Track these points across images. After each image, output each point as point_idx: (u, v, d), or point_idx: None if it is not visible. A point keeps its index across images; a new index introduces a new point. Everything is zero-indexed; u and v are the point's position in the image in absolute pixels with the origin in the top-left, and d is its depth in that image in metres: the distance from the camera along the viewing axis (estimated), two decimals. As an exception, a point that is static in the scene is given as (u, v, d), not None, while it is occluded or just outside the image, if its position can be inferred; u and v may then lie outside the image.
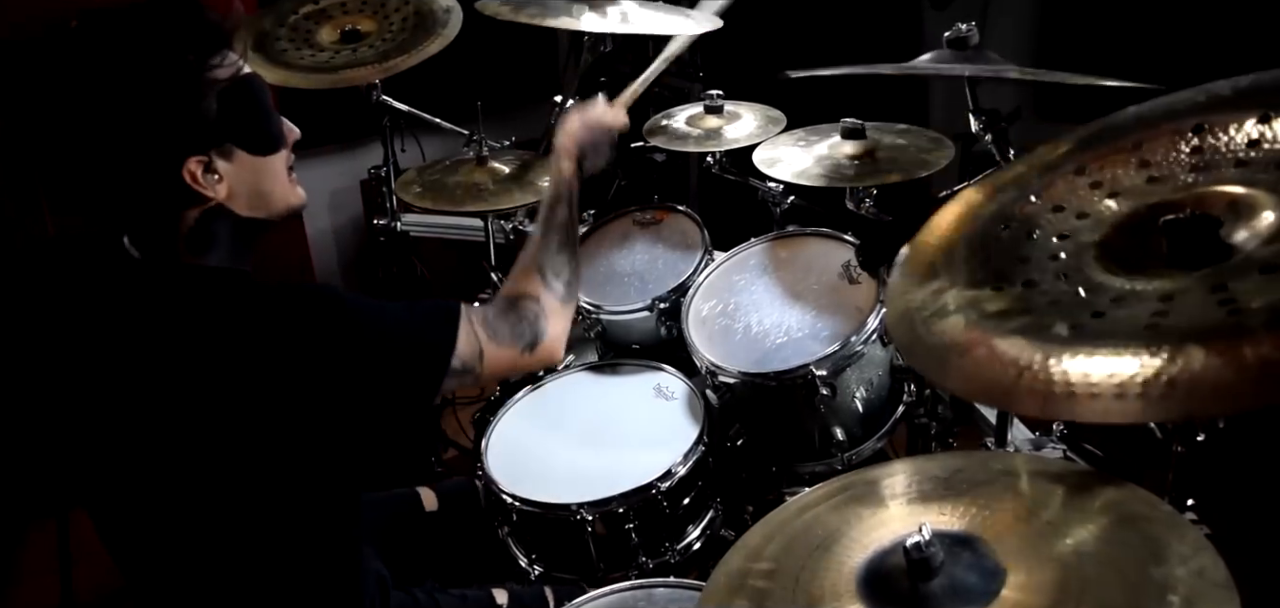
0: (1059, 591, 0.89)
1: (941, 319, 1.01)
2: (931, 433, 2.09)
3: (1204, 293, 0.88)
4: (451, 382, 1.37)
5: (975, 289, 1.02)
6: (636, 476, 1.83)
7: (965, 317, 1.00)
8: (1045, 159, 1.16)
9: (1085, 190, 1.08)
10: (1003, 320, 0.96)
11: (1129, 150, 1.08)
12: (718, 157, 2.50)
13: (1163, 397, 0.80)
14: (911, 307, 1.06)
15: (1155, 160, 1.06)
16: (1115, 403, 0.83)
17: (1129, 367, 0.83)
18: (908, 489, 1.11)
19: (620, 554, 1.85)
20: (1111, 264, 0.99)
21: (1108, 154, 1.10)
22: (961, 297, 1.02)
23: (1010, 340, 0.93)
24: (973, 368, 0.94)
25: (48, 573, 2.58)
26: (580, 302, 2.33)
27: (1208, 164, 1.01)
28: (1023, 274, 1.02)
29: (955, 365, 0.96)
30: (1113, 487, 1.00)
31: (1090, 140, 1.13)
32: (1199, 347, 0.81)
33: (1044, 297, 0.98)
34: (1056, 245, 1.04)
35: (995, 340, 0.94)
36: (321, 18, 2.59)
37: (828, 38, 3.08)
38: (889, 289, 1.13)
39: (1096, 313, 0.92)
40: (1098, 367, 0.85)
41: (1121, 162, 1.08)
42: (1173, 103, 1.10)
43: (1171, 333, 0.84)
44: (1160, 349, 0.83)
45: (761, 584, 1.03)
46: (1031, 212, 1.09)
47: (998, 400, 0.90)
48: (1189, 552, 0.88)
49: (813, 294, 2.09)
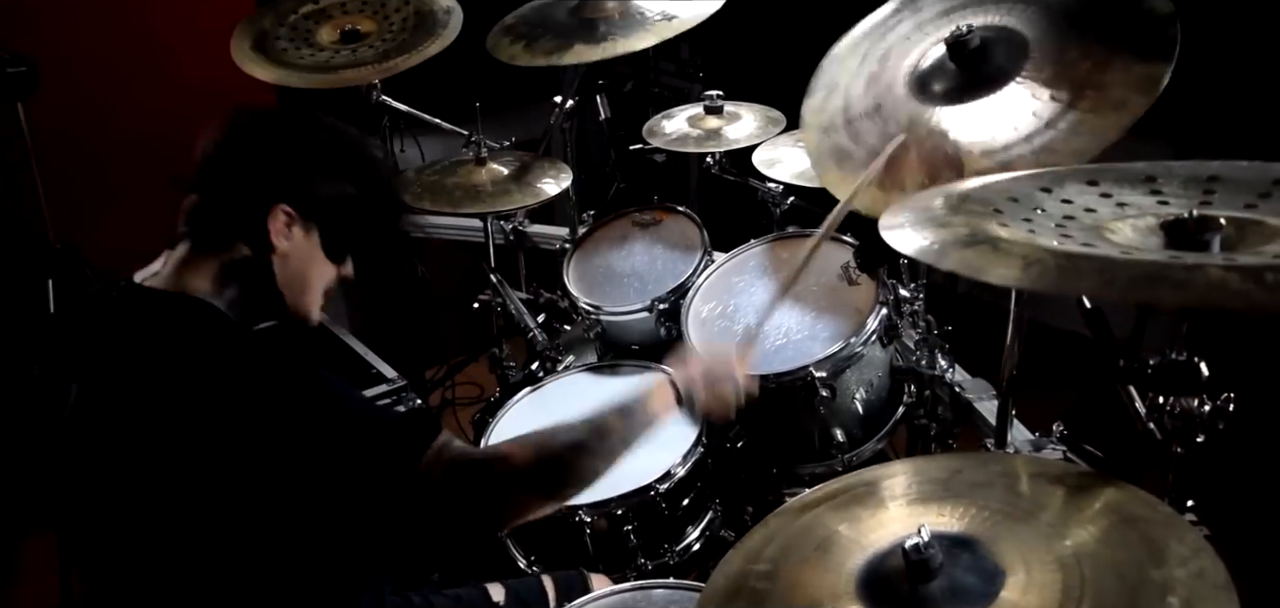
0: (1059, 591, 0.89)
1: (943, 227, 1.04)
2: (931, 434, 2.09)
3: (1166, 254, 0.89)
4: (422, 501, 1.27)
5: (979, 221, 1.03)
6: (636, 476, 1.83)
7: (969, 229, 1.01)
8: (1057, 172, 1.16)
9: (1095, 196, 1.08)
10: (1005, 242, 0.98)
11: (1142, 182, 1.09)
12: (717, 157, 2.50)
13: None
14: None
15: (1166, 190, 1.06)
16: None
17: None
18: (907, 490, 1.11)
19: (619, 555, 1.85)
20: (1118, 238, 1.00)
21: (1121, 179, 1.10)
22: (967, 220, 1.04)
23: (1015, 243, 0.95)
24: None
25: (48, 574, 2.58)
26: (580, 302, 2.33)
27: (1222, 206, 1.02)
28: (1024, 216, 1.04)
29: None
30: (1113, 488, 1.01)
31: (1103, 172, 1.13)
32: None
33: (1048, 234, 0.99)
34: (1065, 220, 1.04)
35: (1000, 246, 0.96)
36: (321, 18, 2.59)
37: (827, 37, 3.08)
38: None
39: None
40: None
41: (1134, 187, 1.09)
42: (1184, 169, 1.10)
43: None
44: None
45: (761, 585, 1.03)
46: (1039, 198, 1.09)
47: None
48: (1189, 552, 0.88)
49: (812, 295, 2.08)
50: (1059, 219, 1.03)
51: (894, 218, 1.09)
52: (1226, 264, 0.83)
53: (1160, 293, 0.82)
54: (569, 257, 2.47)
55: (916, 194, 1.21)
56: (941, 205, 1.09)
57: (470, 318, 2.61)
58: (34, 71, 2.52)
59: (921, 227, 1.05)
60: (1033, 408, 1.88)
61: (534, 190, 2.39)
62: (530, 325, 2.44)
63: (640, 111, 3.18)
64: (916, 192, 1.33)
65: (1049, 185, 1.11)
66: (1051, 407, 1.88)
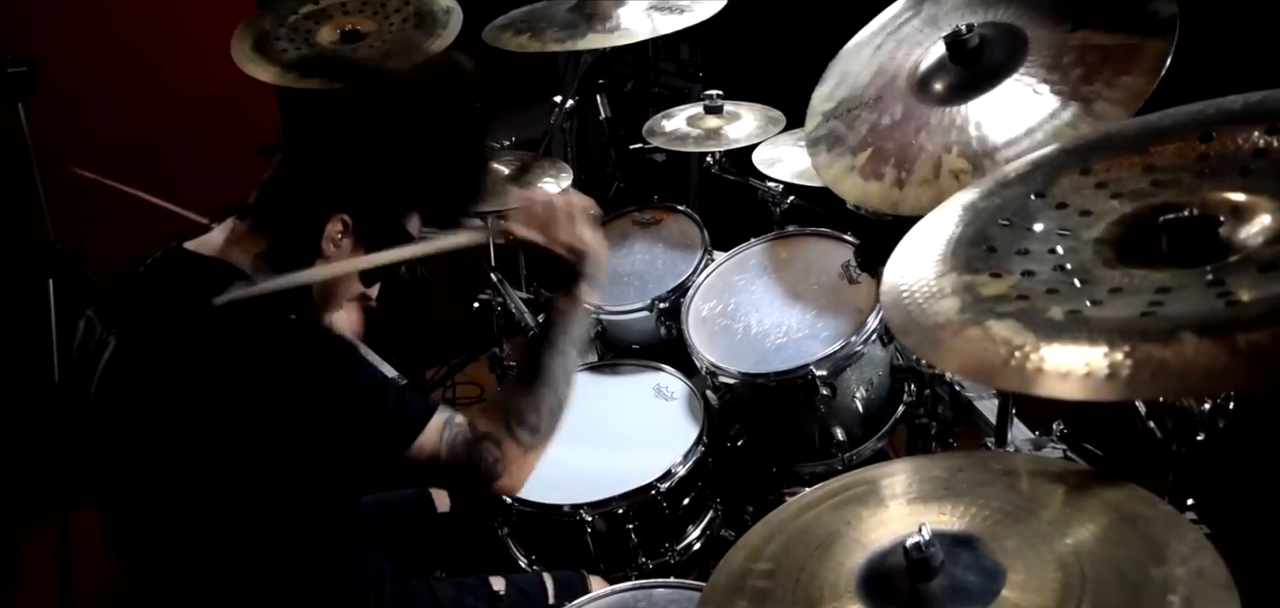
0: (1059, 591, 0.89)
1: (937, 302, 1.01)
2: (931, 433, 2.09)
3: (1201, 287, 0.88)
4: (421, 475, 1.45)
5: (973, 275, 1.02)
6: (636, 476, 1.83)
7: (961, 299, 1.00)
8: (1051, 158, 1.16)
9: (1090, 190, 1.08)
10: (998, 303, 0.96)
11: (1136, 155, 1.08)
12: (718, 156, 2.50)
13: (1146, 377, 0.81)
14: (907, 289, 1.07)
15: (1161, 166, 1.06)
16: (1106, 383, 0.83)
17: (1114, 352, 0.83)
18: (908, 489, 1.11)
19: (620, 554, 1.85)
20: (1112, 259, 0.99)
21: (1115, 157, 1.10)
22: (958, 281, 1.02)
23: (1004, 323, 0.93)
24: (965, 347, 0.94)
25: (48, 573, 2.58)
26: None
27: (1213, 172, 1.01)
28: (1021, 265, 1.02)
29: (948, 345, 0.96)
30: (1113, 487, 1.00)
31: (1098, 145, 1.13)
32: (1192, 332, 0.81)
33: (1042, 285, 0.97)
34: (1058, 240, 1.04)
35: (989, 322, 0.94)
36: (321, 18, 2.58)
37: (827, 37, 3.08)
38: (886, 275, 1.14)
39: (1094, 301, 0.92)
40: (1082, 352, 0.85)
41: (1128, 165, 1.08)
42: (1182, 115, 1.10)
43: (1166, 320, 0.84)
44: (1152, 335, 0.83)
45: (761, 584, 1.03)
46: (1033, 208, 1.09)
47: (987, 379, 0.90)
48: (1189, 552, 0.88)
49: (812, 294, 2.09)
50: (1050, 245, 1.03)
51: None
52: (1199, 325, 0.82)
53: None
54: (569, 256, 2.47)
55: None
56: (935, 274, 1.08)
57: (470, 318, 2.61)
58: (34, 71, 2.52)
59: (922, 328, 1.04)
60: (1032, 407, 1.88)
61: (534, 190, 2.39)
62: (530, 325, 2.44)
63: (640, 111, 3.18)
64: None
65: (1042, 187, 1.11)
66: (1051, 406, 1.89)
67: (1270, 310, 0.79)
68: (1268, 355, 0.76)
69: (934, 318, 0.99)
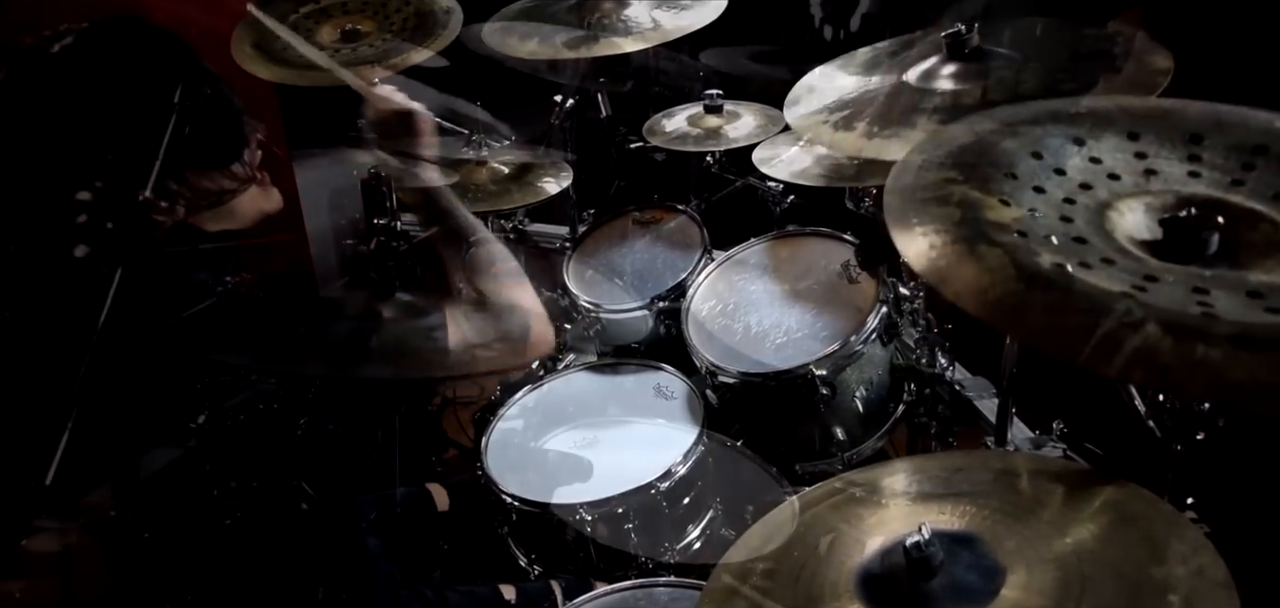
0: (1059, 591, 0.89)
1: (940, 205, 1.01)
2: (931, 433, 2.09)
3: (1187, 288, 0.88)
4: None
5: (983, 193, 1.01)
6: (636, 476, 1.83)
7: (961, 212, 0.99)
8: (1105, 111, 1.13)
9: (1129, 157, 1.06)
10: (997, 230, 0.96)
11: (1185, 142, 1.06)
12: (718, 156, 2.50)
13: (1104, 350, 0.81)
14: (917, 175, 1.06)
15: (1206, 160, 1.04)
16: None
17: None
18: (908, 489, 1.11)
19: (620, 554, 1.85)
20: (1117, 230, 0.98)
21: (1166, 137, 1.07)
22: (966, 193, 1.01)
23: (994, 251, 0.93)
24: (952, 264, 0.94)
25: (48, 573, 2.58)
26: (580, 301, 2.33)
27: (1255, 187, 1.00)
28: (1032, 202, 1.01)
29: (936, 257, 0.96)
30: (1112, 486, 1.01)
31: (1155, 115, 1.10)
32: (1158, 325, 0.81)
33: (1042, 229, 0.96)
34: (1078, 192, 1.02)
35: (980, 246, 0.94)
36: (321, 17, 2.58)
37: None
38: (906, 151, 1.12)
39: (1083, 263, 0.91)
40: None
41: (1174, 146, 1.06)
42: (1249, 118, 1.07)
43: (1140, 305, 0.84)
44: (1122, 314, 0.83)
45: (761, 584, 1.03)
46: (1067, 152, 1.07)
47: (967, 303, 0.90)
48: (1189, 551, 0.88)
49: (812, 294, 2.09)
50: (1068, 193, 1.02)
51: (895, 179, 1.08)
52: (1169, 322, 0.82)
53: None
54: (569, 255, 2.47)
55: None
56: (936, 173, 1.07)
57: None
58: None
59: (910, 207, 1.02)
60: (1033, 406, 1.88)
61: (534, 189, 2.39)
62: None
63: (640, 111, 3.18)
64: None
65: (1084, 135, 1.09)
66: (1051, 405, 1.89)
67: (1238, 334, 0.79)
68: (1215, 374, 0.76)
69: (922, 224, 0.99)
